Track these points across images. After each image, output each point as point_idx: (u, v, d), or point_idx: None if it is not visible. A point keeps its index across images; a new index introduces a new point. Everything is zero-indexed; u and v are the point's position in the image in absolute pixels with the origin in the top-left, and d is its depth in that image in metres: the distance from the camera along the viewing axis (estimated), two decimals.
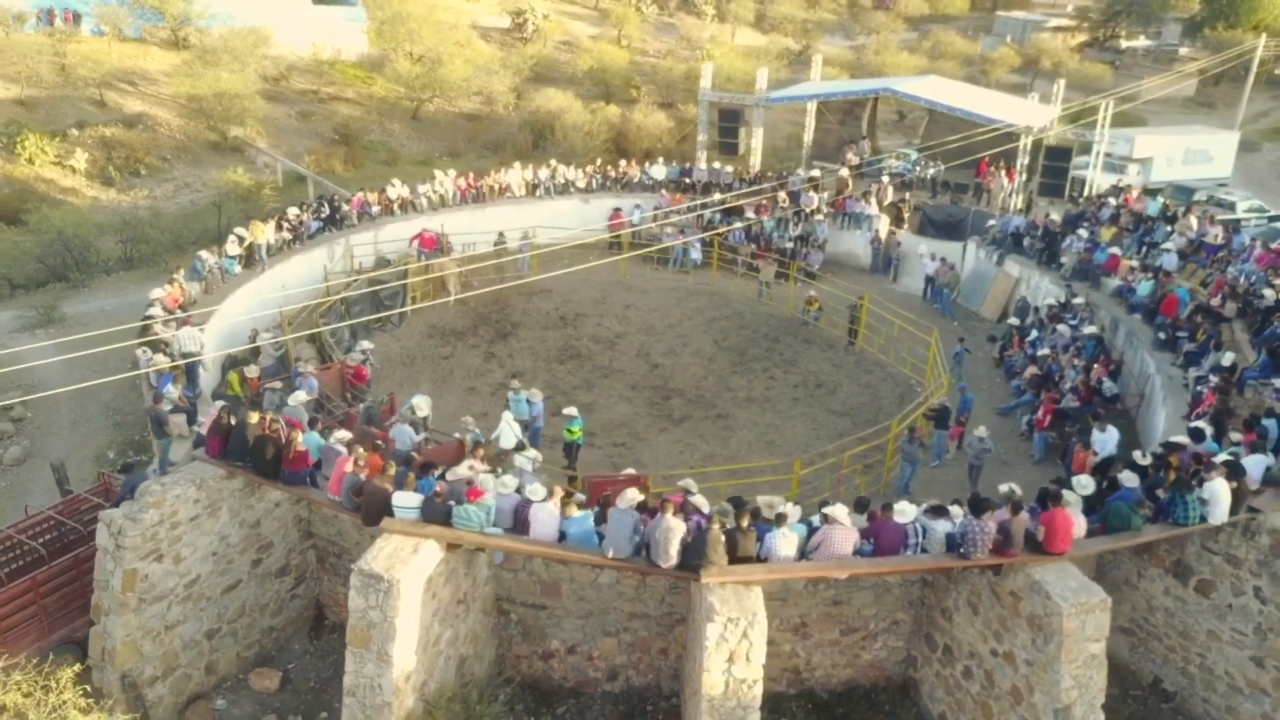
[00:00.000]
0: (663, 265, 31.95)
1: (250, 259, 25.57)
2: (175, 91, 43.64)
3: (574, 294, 29.54)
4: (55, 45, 43.42)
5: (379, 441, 16.02)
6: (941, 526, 13.20)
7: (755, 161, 36.45)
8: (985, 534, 12.61)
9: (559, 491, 13.16)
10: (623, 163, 34.47)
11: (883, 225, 31.93)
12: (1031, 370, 23.28)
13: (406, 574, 12.08)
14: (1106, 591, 16.26)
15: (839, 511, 12.87)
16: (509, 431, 18.43)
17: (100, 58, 43.88)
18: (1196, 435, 16.35)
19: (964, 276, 30.14)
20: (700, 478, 15.85)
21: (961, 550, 12.77)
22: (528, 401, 20.87)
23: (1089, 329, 23.31)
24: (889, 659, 15.53)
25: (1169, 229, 26.36)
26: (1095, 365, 21.91)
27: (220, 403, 17.19)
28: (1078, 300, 24.85)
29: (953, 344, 25.09)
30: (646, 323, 28.19)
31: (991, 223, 30.05)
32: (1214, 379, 19.01)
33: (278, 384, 17.89)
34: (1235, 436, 16.01)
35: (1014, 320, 26.33)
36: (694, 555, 12.27)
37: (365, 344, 22.79)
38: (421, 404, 19.40)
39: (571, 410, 20.42)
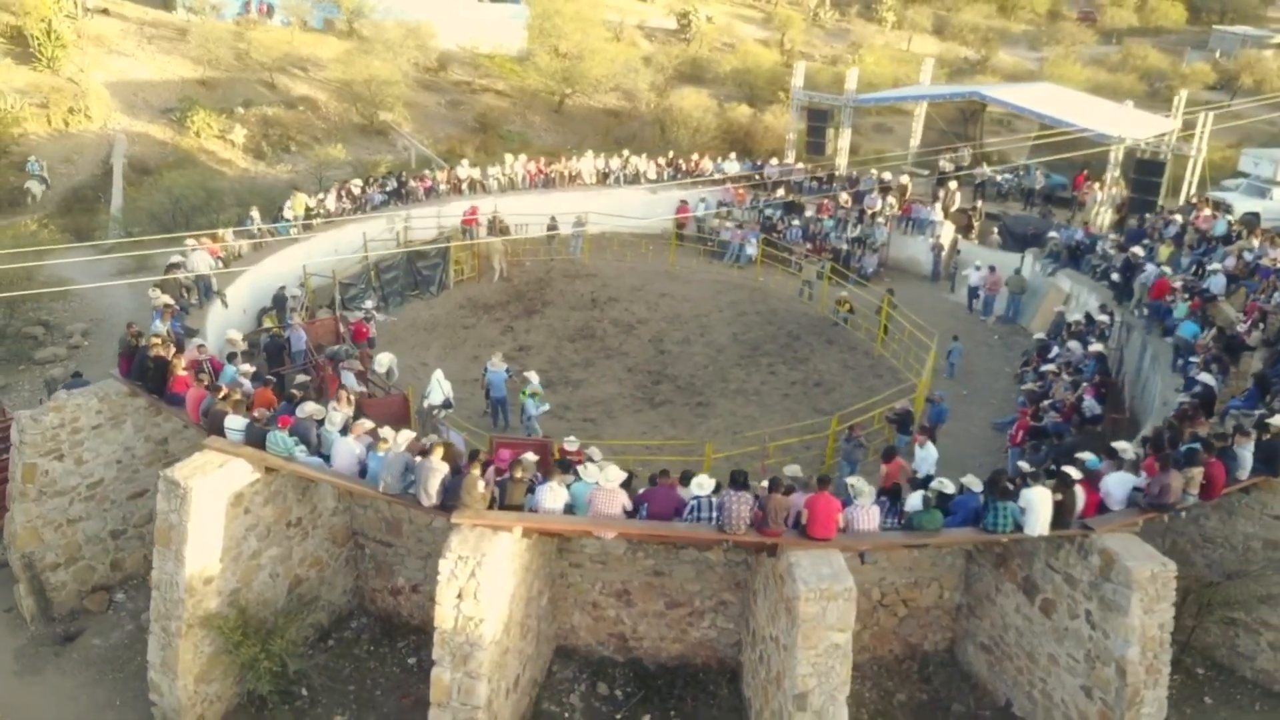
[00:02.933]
0: (716, 259, 32.10)
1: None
2: (333, 77, 47.60)
3: (616, 279, 30.30)
4: (240, 33, 48.36)
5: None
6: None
7: (841, 162, 35.81)
8: (740, 506, 12.48)
9: (359, 428, 14.06)
10: (694, 156, 34.73)
11: (946, 232, 30.69)
12: (1030, 386, 22.15)
13: (202, 484, 13.27)
14: (971, 604, 15.68)
15: (610, 472, 13.10)
16: (438, 389, 19.53)
17: (274, 45, 48.44)
18: (1111, 454, 15.39)
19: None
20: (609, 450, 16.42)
21: (719, 522, 12.69)
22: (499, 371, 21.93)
23: (1093, 347, 21.83)
24: (720, 640, 15.41)
25: (1226, 250, 24.12)
26: (1084, 384, 20.59)
27: (198, 340, 19.33)
28: (1102, 318, 23.29)
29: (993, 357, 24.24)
30: (674, 311, 28.49)
31: (1052, 234, 28.36)
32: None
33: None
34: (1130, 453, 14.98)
35: (1039, 335, 24.90)
36: (452, 497, 12.86)
37: (368, 303, 24.54)
38: (383, 359, 21.13)
39: (531, 375, 21.31)
